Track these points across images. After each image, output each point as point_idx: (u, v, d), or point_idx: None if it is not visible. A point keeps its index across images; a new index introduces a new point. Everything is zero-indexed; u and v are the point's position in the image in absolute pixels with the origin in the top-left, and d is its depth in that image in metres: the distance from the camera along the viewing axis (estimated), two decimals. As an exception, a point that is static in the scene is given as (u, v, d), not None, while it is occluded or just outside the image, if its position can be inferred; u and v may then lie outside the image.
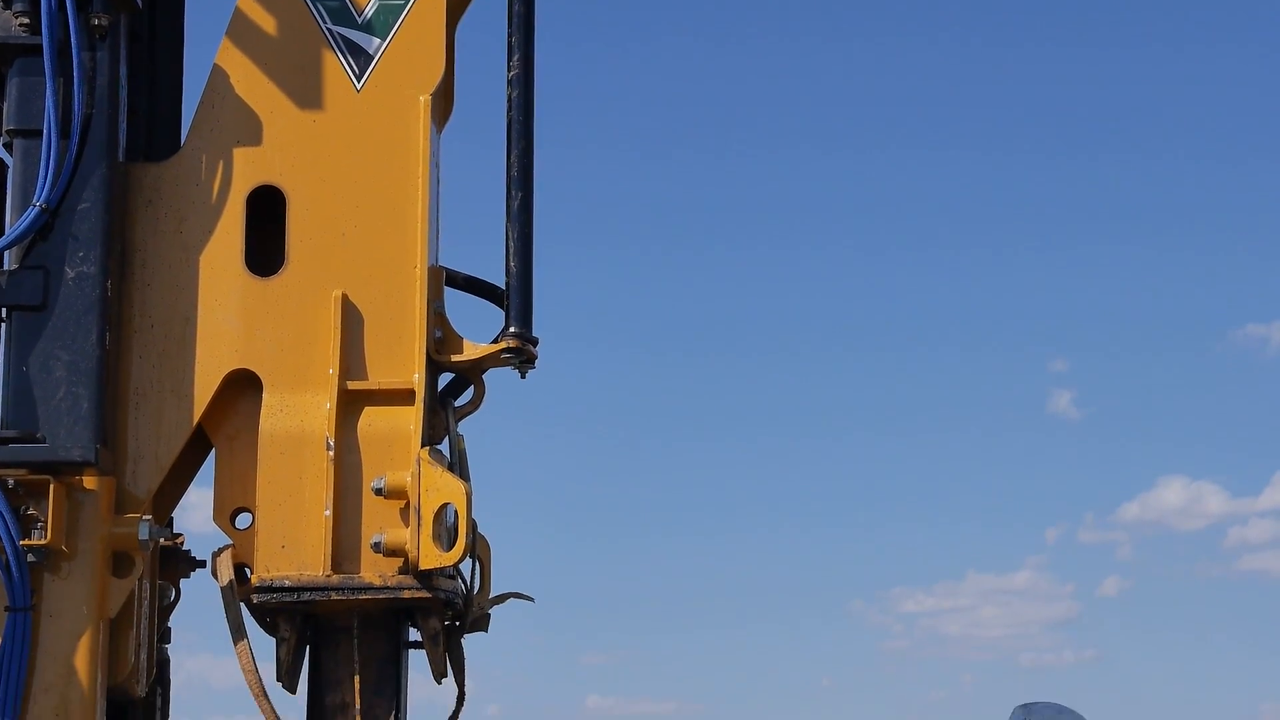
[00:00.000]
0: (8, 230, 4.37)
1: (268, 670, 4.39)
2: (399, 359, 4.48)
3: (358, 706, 4.42)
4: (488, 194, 4.78)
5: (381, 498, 4.37)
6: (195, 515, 4.75)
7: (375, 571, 4.36)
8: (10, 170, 4.45)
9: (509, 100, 4.67)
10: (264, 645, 4.43)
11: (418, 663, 4.54)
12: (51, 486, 4.18)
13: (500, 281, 4.67)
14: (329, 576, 4.35)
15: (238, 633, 4.37)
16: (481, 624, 4.66)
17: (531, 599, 4.83)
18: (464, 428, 4.64)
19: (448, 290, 4.67)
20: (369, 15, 4.62)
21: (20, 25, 4.38)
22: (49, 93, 4.35)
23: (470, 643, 4.60)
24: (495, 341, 4.60)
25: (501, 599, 4.72)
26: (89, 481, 4.28)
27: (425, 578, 4.35)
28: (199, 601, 4.61)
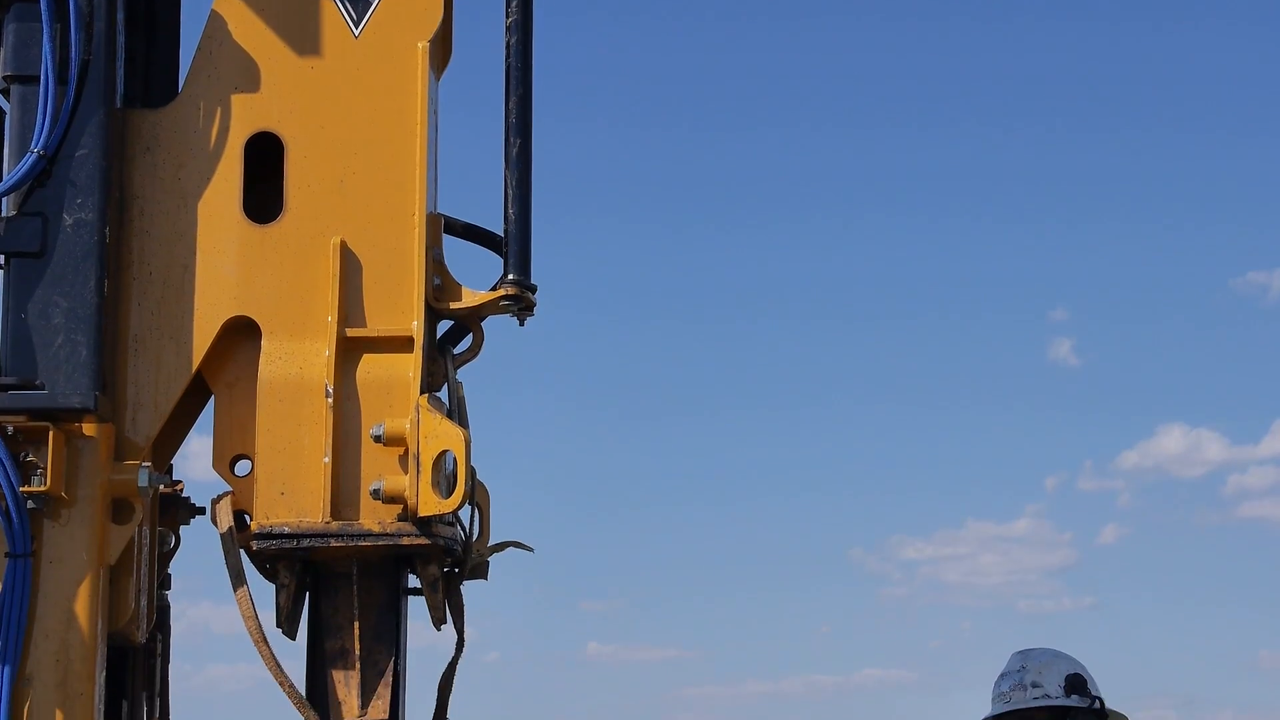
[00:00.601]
0: (5, 176, 4.36)
1: (267, 617, 4.41)
2: (398, 306, 4.48)
3: (358, 653, 4.44)
4: (486, 142, 4.78)
5: (380, 445, 4.38)
6: (195, 463, 4.76)
7: (374, 518, 4.37)
8: (7, 117, 4.44)
9: (507, 46, 4.66)
10: (264, 592, 4.45)
11: (417, 610, 4.56)
12: (51, 433, 4.19)
13: (499, 230, 4.67)
14: (328, 523, 4.36)
15: (237, 579, 4.38)
16: (481, 571, 4.67)
17: (530, 549, 4.84)
18: (463, 375, 4.65)
19: (446, 238, 4.67)
20: (367, -39, 4.60)
21: (17, -31, 4.36)
22: (46, 38, 4.34)
23: (470, 590, 4.61)
24: (494, 289, 4.60)
25: (500, 547, 4.73)
26: (88, 428, 4.29)
27: (424, 525, 4.36)
28: (199, 548, 4.63)
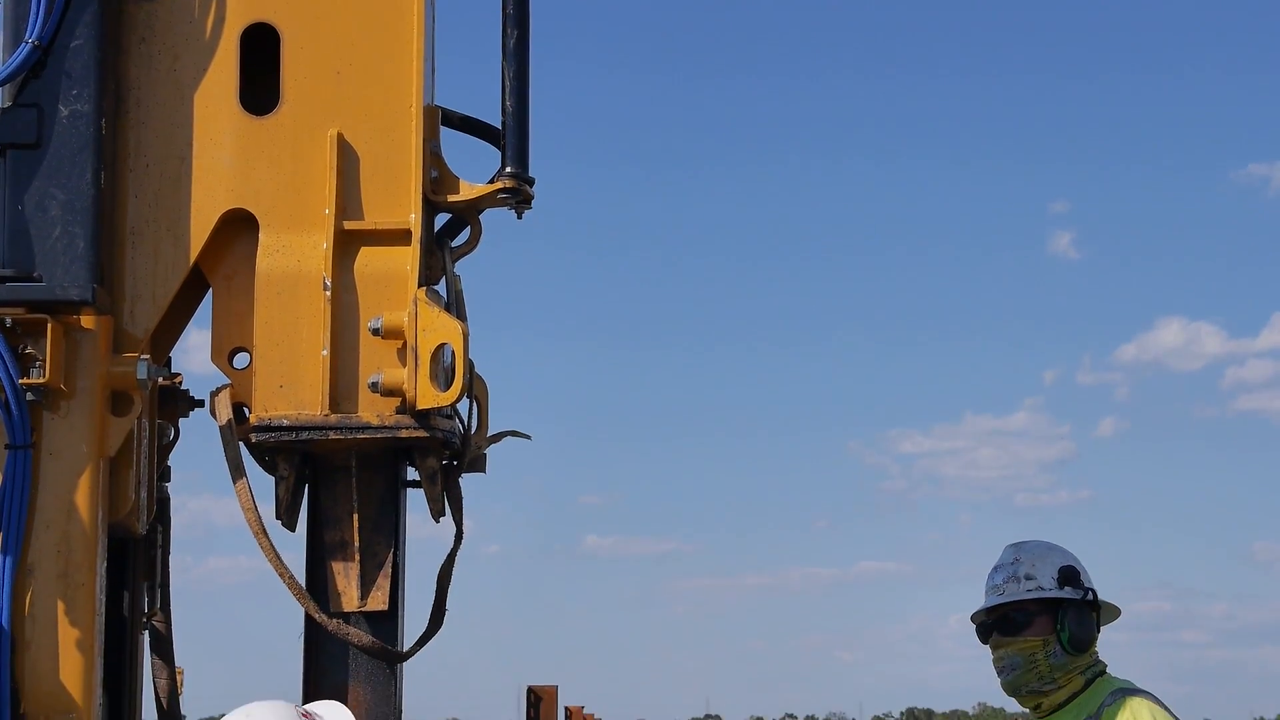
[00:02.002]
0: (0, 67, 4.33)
1: (267, 509, 4.43)
2: (395, 199, 4.47)
3: (357, 544, 4.46)
4: (483, 35, 4.74)
5: (379, 338, 4.38)
6: (194, 356, 4.76)
7: (373, 411, 4.38)
8: (2, 7, 4.40)
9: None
10: (263, 484, 4.47)
11: (416, 502, 4.58)
12: (49, 325, 4.19)
13: (497, 122, 4.65)
14: (327, 416, 4.37)
15: (237, 471, 4.40)
16: (479, 464, 4.69)
17: (529, 436, 4.86)
18: (460, 268, 4.64)
19: (444, 131, 4.65)
20: None
21: None
22: (39, -73, 4.29)
23: (469, 484, 4.64)
24: (492, 182, 4.59)
25: (499, 436, 4.75)
26: (86, 320, 4.29)
27: (423, 417, 4.37)
28: (199, 441, 4.64)
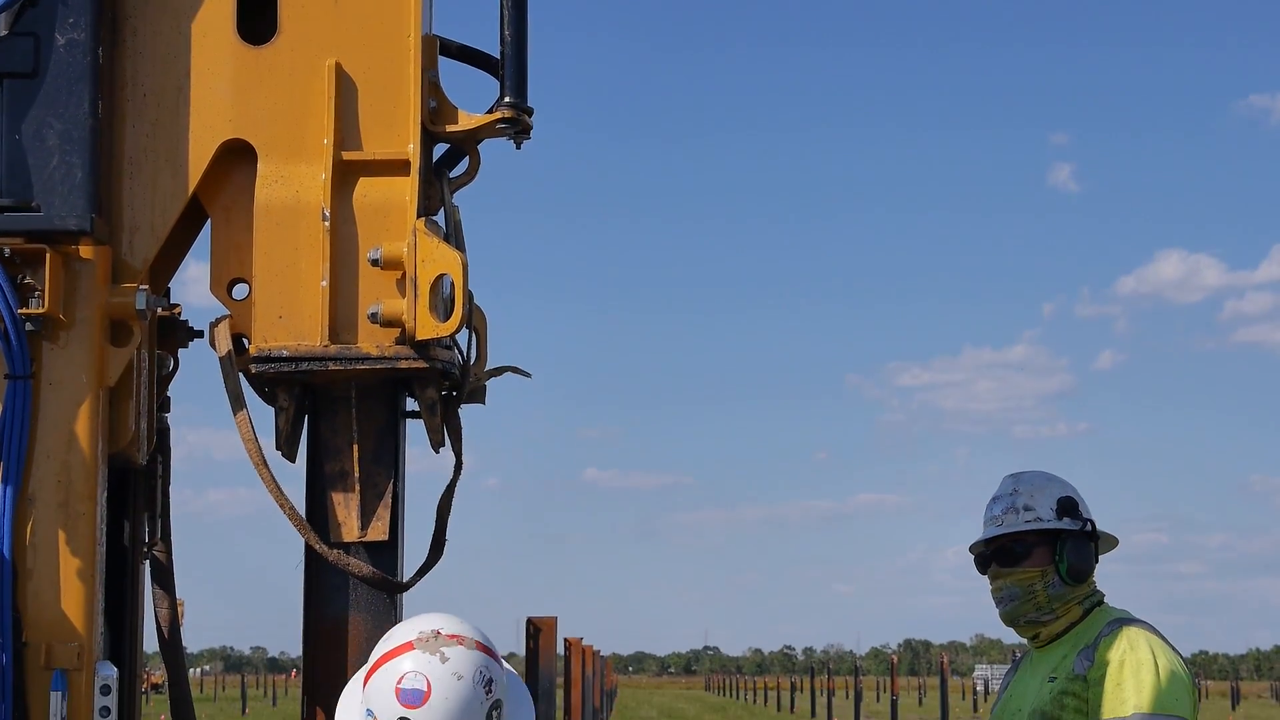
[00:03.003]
0: (-5, -4, 4.31)
1: (266, 441, 4.44)
2: (394, 129, 4.46)
3: (357, 475, 4.47)
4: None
5: (378, 269, 4.38)
6: (193, 289, 4.76)
7: (372, 342, 4.39)
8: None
9: None
10: (263, 416, 4.47)
11: (416, 434, 4.58)
12: (48, 255, 4.19)
13: (495, 52, 4.63)
14: (326, 347, 4.38)
15: (237, 402, 4.41)
16: (479, 395, 4.70)
17: (528, 374, 4.86)
18: (459, 199, 4.64)
19: (442, 61, 4.63)
20: None
21: None
22: None
23: (468, 417, 4.64)
24: (490, 112, 4.58)
25: (498, 371, 4.75)
26: (85, 250, 4.29)
27: (422, 348, 4.37)
28: (199, 374, 4.65)
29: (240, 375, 4.44)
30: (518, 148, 4.65)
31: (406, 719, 3.40)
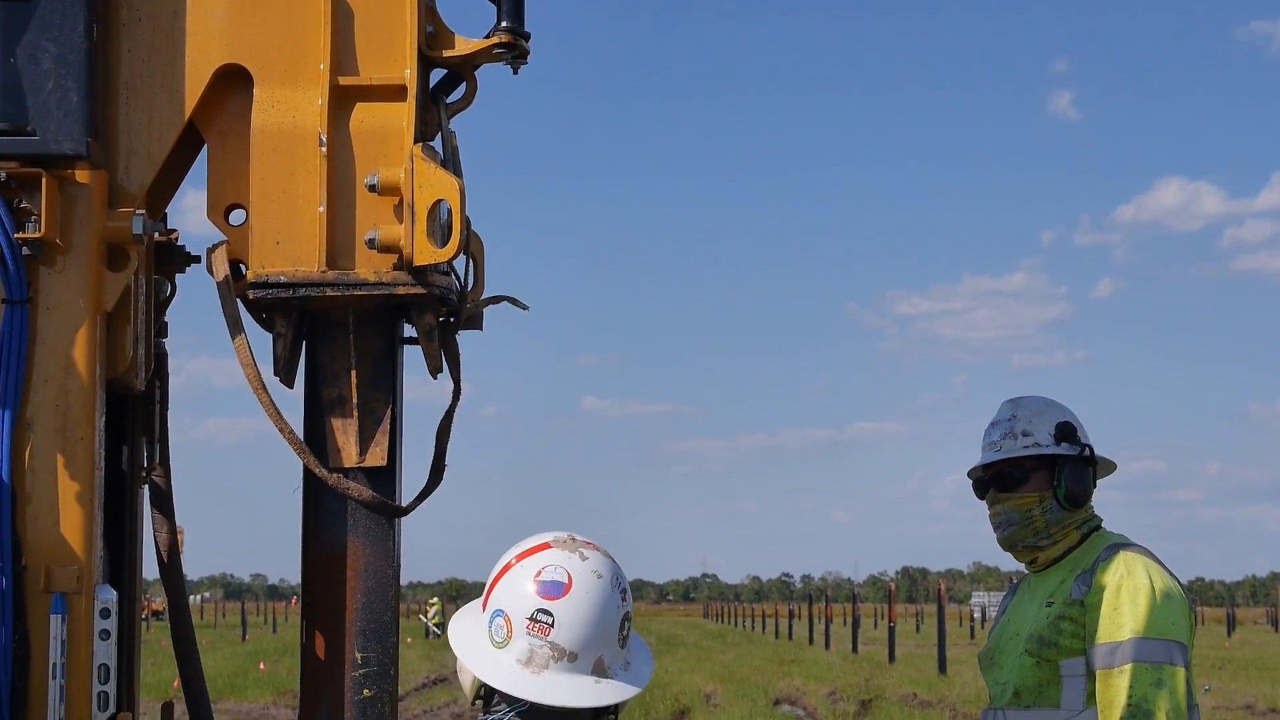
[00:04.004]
0: (-11, -82, 4.27)
1: (265, 367, 4.44)
2: (391, 54, 4.44)
3: (355, 400, 4.47)
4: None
5: (375, 194, 4.38)
6: (190, 216, 4.75)
7: (370, 268, 4.38)
8: None
9: None
10: (260, 344, 4.47)
11: (414, 363, 4.58)
12: (44, 179, 4.17)
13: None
14: (324, 273, 4.37)
15: (235, 328, 4.41)
16: (476, 322, 4.70)
17: (526, 306, 4.86)
18: (456, 124, 4.62)
19: (439, -16, 4.60)
20: None
21: None
22: None
23: (467, 344, 4.64)
24: (488, 37, 4.56)
25: (496, 300, 4.75)
26: (81, 175, 4.27)
27: (420, 274, 4.37)
28: (197, 302, 4.64)
29: (238, 301, 4.43)
30: (515, 73, 4.64)
31: (545, 611, 3.36)
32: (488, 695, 3.45)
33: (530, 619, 3.37)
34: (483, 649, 3.42)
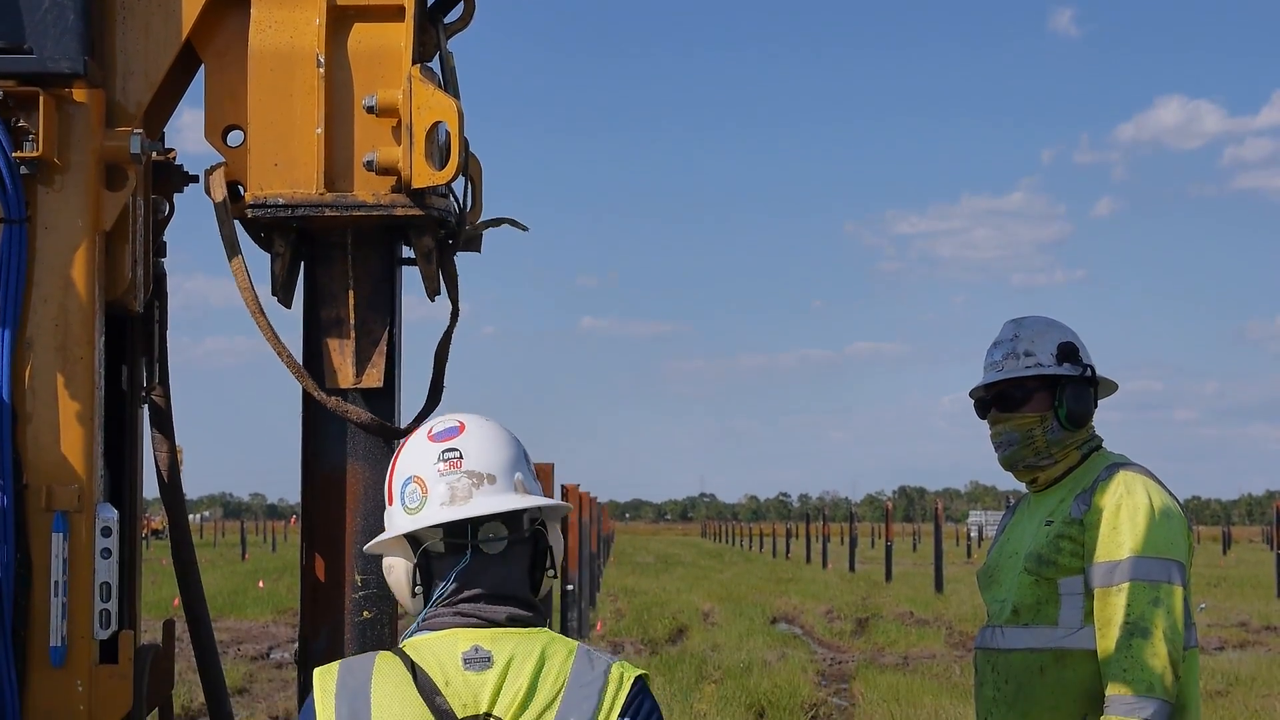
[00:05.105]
0: None
1: (263, 288, 4.43)
2: (388, -28, 4.40)
3: (353, 321, 4.47)
4: None
5: (373, 116, 4.35)
6: (188, 135, 4.73)
7: (368, 190, 4.37)
8: None
9: None
10: (258, 266, 4.46)
11: (413, 285, 4.57)
12: (41, 98, 4.16)
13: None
14: (322, 195, 4.36)
15: (233, 249, 4.40)
16: (474, 244, 4.69)
17: (525, 228, 4.85)
18: (454, 45, 4.60)
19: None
20: None
21: None
22: None
23: (465, 265, 4.63)
24: (486, -45, 4.53)
25: (496, 222, 4.74)
26: (78, 94, 4.25)
27: (418, 196, 4.35)
28: (194, 222, 4.63)
29: (235, 222, 4.42)
30: (513, -10, 4.60)
31: (450, 449, 3.37)
32: (426, 591, 3.39)
33: (439, 461, 3.37)
34: (403, 524, 3.39)
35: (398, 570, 3.42)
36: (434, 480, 3.37)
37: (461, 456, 3.37)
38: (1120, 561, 4.75)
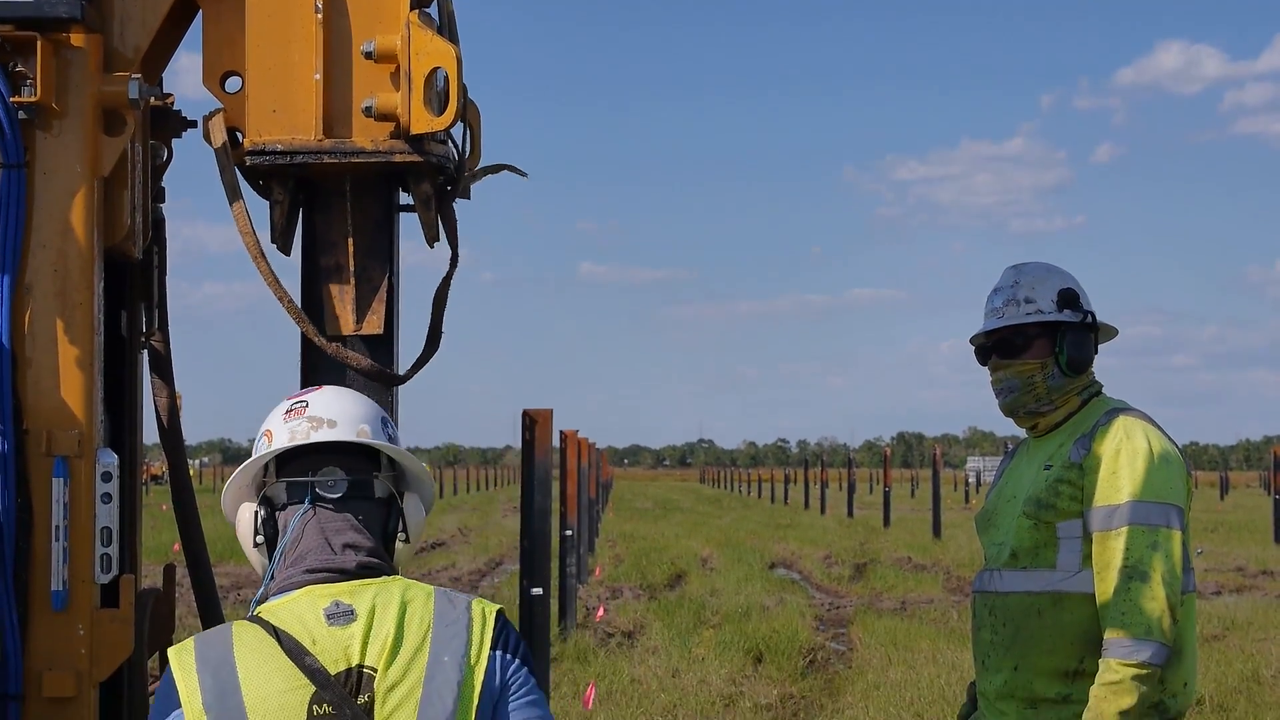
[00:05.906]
0: None
1: (262, 234, 4.43)
2: (386, -84, 4.38)
3: (352, 268, 4.47)
4: None
5: (371, 62, 4.34)
6: (185, 79, 4.72)
7: (367, 136, 4.36)
8: None
9: None
10: (258, 211, 4.46)
11: (411, 229, 4.57)
12: (39, 42, 4.14)
13: None
14: (321, 141, 4.35)
15: (232, 194, 4.39)
16: (464, 191, 4.68)
17: (524, 174, 4.84)
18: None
19: None
20: None
21: None
22: None
23: (464, 212, 4.63)
24: (485, -102, 4.50)
25: (496, 169, 4.73)
26: (76, 38, 4.23)
27: (416, 142, 4.34)
28: (191, 166, 4.62)
29: (235, 168, 4.42)
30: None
31: (300, 400, 3.48)
32: (270, 545, 3.43)
33: (285, 413, 3.47)
34: (241, 470, 3.47)
35: (243, 520, 3.48)
36: (278, 428, 3.46)
37: (307, 405, 3.47)
38: (1119, 505, 4.77)
